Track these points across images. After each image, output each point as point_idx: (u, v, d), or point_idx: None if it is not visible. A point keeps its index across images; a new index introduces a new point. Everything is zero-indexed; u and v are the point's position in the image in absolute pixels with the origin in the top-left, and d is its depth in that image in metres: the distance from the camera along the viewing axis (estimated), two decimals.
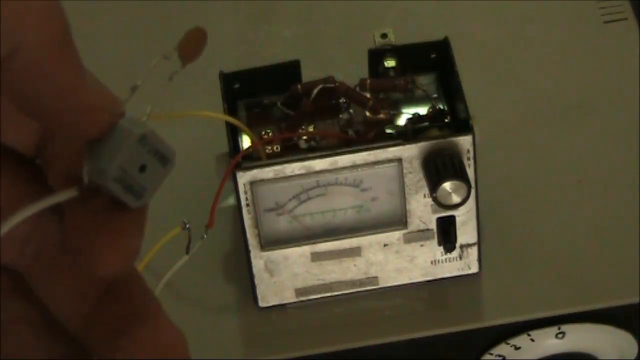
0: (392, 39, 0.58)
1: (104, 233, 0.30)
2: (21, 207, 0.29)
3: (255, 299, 0.57)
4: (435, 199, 0.53)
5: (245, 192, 0.53)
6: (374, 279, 0.57)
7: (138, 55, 0.67)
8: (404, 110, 0.57)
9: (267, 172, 0.53)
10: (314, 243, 0.55)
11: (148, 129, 0.30)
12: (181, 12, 0.71)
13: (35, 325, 0.32)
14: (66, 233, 0.31)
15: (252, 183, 0.53)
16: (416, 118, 0.56)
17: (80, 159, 0.30)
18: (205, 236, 0.51)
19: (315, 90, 0.56)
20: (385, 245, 0.56)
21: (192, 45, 0.35)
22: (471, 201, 0.54)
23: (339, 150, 0.53)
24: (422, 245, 0.56)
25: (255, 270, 0.56)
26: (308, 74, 0.57)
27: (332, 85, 0.56)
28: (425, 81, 0.58)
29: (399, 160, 0.53)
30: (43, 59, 0.27)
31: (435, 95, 0.57)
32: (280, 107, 0.57)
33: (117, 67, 0.67)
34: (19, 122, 0.31)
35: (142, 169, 0.30)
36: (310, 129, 0.56)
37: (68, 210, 0.31)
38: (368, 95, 0.57)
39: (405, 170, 0.54)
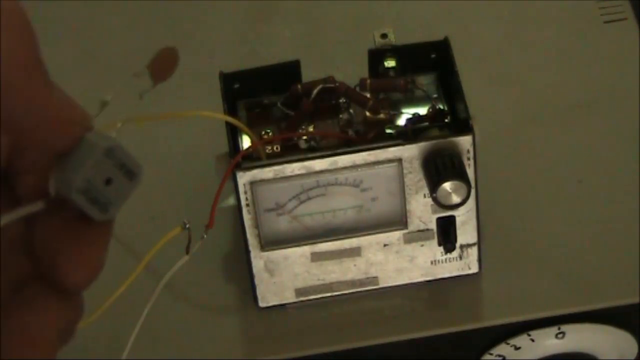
0: (392, 39, 0.58)
1: (69, 246, 0.30)
2: None
3: (255, 299, 0.57)
4: (435, 199, 0.53)
5: (245, 192, 0.53)
6: (374, 279, 0.57)
7: (138, 55, 0.67)
8: (404, 110, 0.57)
9: (267, 172, 0.53)
10: (314, 243, 0.55)
11: (115, 143, 0.30)
12: (181, 12, 0.71)
13: None
14: (33, 244, 0.31)
15: (252, 183, 0.53)
16: (416, 118, 0.56)
17: (46, 171, 0.30)
18: (205, 236, 0.51)
19: (315, 90, 0.56)
20: (385, 245, 0.56)
21: (163, 65, 0.36)
22: (471, 201, 0.54)
23: (339, 150, 0.53)
24: (422, 245, 0.56)
25: (255, 270, 0.56)
26: (308, 74, 0.57)
27: (332, 85, 0.56)
28: (425, 81, 0.58)
29: (399, 160, 0.53)
30: (13, 75, 0.28)
31: (435, 95, 0.57)
32: (280, 107, 0.57)
33: (117, 66, 0.67)
34: None
35: (108, 182, 0.30)
36: (310, 129, 0.56)
37: (36, 222, 0.31)
38: (368, 95, 0.57)
39: (405, 170, 0.54)
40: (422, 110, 0.57)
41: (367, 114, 0.56)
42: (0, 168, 0.32)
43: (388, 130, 0.56)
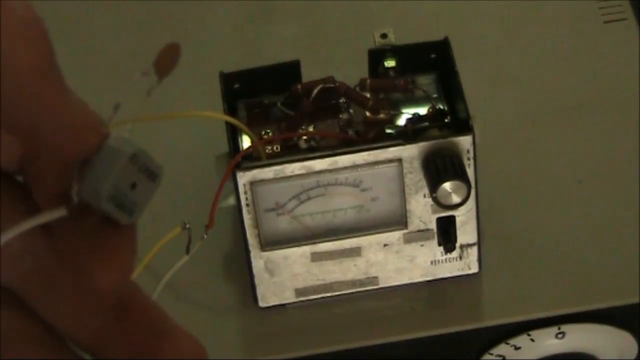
0: (392, 39, 0.58)
1: (99, 252, 0.31)
2: (10, 224, 0.30)
3: (255, 299, 0.57)
4: (435, 199, 0.53)
5: (245, 192, 0.53)
6: (374, 279, 0.57)
7: (138, 56, 0.67)
8: (404, 110, 0.57)
9: (267, 172, 0.53)
10: (314, 243, 0.55)
11: (137, 148, 0.31)
12: (181, 12, 0.71)
13: (32, 340, 0.32)
14: (59, 253, 0.31)
15: (252, 183, 0.53)
16: (416, 118, 0.56)
17: (66, 178, 0.30)
18: (205, 236, 0.51)
19: (315, 90, 0.56)
20: (385, 245, 0.56)
21: (166, 61, 0.36)
22: (471, 201, 0.54)
23: (339, 150, 0.53)
24: (422, 245, 0.56)
25: (255, 270, 0.56)
26: (308, 74, 0.57)
27: (332, 85, 0.56)
28: (425, 81, 0.58)
29: (399, 160, 0.53)
30: (27, 81, 0.28)
31: (435, 95, 0.57)
32: (280, 107, 0.57)
33: (117, 66, 0.67)
34: (2, 141, 0.31)
35: (133, 186, 0.31)
36: (310, 129, 0.56)
37: (58, 230, 0.31)
38: (368, 95, 0.57)
39: (405, 170, 0.54)
40: (422, 110, 0.57)
41: (367, 114, 0.56)
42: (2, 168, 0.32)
43: (388, 130, 0.56)
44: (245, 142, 0.56)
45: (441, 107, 0.57)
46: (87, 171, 0.30)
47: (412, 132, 0.55)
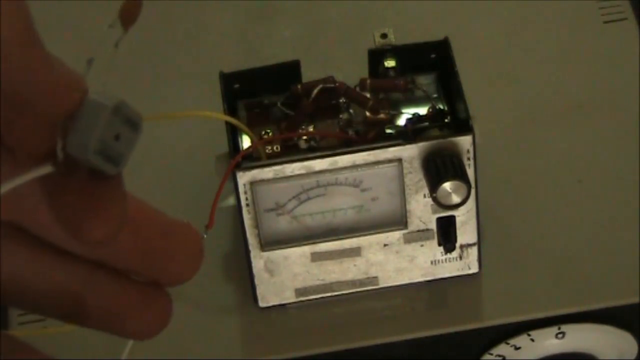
0: (392, 39, 0.58)
1: (91, 203, 0.31)
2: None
3: (255, 299, 0.57)
4: (435, 199, 0.53)
5: (245, 192, 0.53)
6: (374, 279, 0.57)
7: (138, 55, 0.67)
8: (404, 110, 0.57)
9: (267, 172, 0.53)
10: (314, 243, 0.55)
11: (119, 100, 0.31)
12: (181, 12, 0.71)
13: (38, 255, 0.33)
14: (50, 208, 0.31)
15: (252, 183, 0.53)
16: (416, 118, 0.56)
17: (50, 137, 0.31)
18: (205, 236, 0.51)
19: (315, 90, 0.56)
20: (385, 245, 0.56)
21: (130, 11, 0.37)
22: (471, 201, 0.54)
23: (339, 150, 0.53)
24: (422, 245, 0.56)
25: (255, 270, 0.56)
26: (308, 74, 0.57)
27: (332, 85, 0.56)
28: (425, 81, 0.58)
29: (399, 160, 0.53)
30: (10, 46, 0.28)
31: (435, 95, 0.57)
32: (280, 107, 0.57)
33: (117, 66, 0.67)
34: None
35: (117, 137, 0.31)
36: (310, 129, 0.56)
37: (46, 190, 0.32)
38: (368, 95, 0.57)
39: (405, 170, 0.54)
40: (422, 110, 0.57)
41: (367, 114, 0.56)
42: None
43: (388, 130, 0.56)
44: (245, 142, 0.56)
45: (441, 107, 0.57)
46: (71, 126, 0.31)
47: (412, 132, 0.55)
